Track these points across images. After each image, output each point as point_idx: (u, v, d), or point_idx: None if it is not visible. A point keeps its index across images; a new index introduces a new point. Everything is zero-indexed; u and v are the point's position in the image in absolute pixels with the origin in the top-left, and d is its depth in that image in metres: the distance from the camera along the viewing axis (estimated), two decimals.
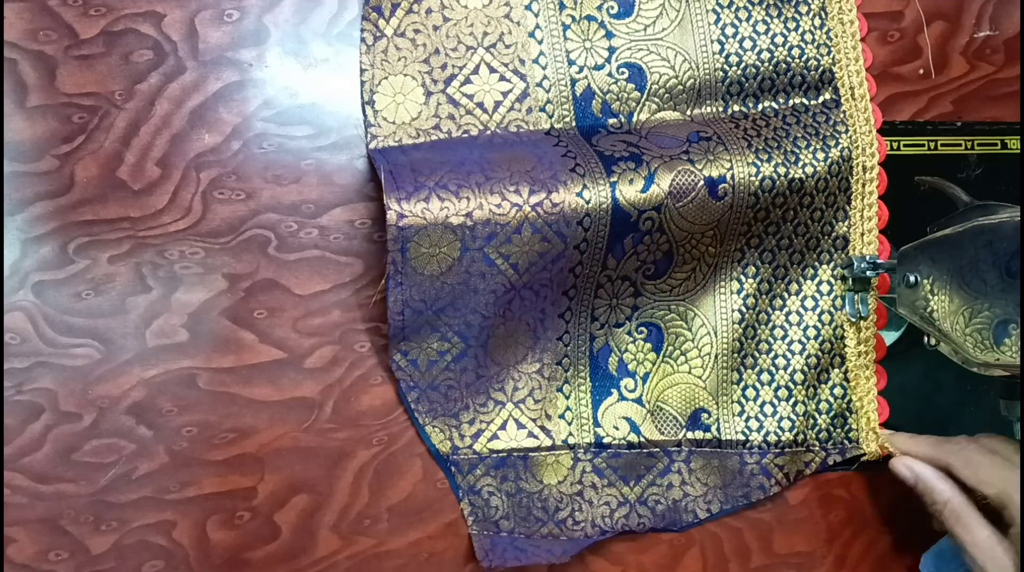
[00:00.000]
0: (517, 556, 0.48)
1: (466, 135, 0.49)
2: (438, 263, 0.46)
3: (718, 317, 0.52)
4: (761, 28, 0.52)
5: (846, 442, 0.54)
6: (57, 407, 0.46)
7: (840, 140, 0.51)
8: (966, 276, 0.46)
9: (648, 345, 0.52)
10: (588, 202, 0.47)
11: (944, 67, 0.56)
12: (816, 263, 0.53)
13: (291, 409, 0.49)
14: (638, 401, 0.52)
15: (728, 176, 0.48)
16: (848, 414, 0.54)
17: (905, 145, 0.56)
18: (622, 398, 0.52)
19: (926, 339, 0.52)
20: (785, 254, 0.52)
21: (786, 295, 0.53)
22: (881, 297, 0.54)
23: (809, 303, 0.53)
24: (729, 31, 0.52)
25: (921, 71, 0.56)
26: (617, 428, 0.52)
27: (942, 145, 0.56)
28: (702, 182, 0.48)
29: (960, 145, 0.57)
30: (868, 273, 0.53)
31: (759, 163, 0.49)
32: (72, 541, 0.47)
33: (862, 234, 0.53)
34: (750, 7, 0.52)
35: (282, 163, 0.49)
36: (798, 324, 0.53)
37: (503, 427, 0.50)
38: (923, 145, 0.56)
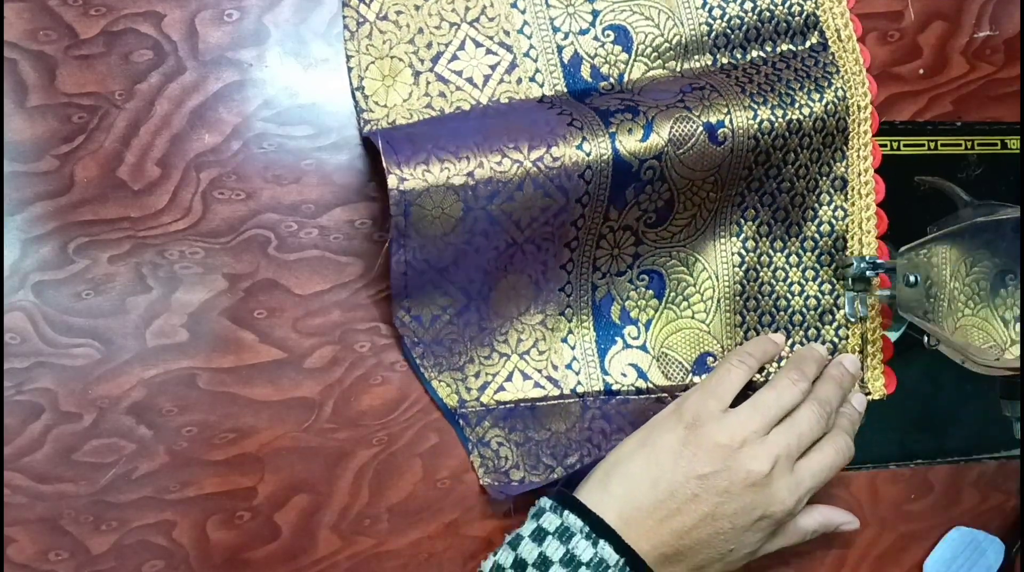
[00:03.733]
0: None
1: (459, 111, 0.49)
2: (441, 224, 0.46)
3: (719, 261, 0.52)
4: None
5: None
6: (57, 407, 0.46)
7: (832, 81, 0.51)
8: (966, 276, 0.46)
9: (650, 292, 0.52)
10: (588, 154, 0.47)
11: (944, 67, 0.56)
12: (816, 205, 0.53)
13: (291, 409, 0.49)
14: (642, 348, 0.52)
15: (726, 121, 0.48)
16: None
17: (905, 145, 0.56)
18: (627, 346, 0.52)
19: (926, 339, 0.52)
20: (786, 196, 0.52)
21: (786, 237, 0.53)
22: (880, 296, 0.54)
23: (809, 245, 0.54)
24: None
25: (921, 71, 0.56)
26: (625, 375, 0.52)
27: (942, 145, 0.56)
28: (701, 128, 0.48)
29: (960, 145, 0.57)
30: (868, 273, 0.53)
31: (756, 106, 0.49)
32: (72, 541, 0.46)
33: (859, 174, 0.53)
34: None
35: (282, 163, 0.49)
36: (798, 266, 0.53)
37: (509, 378, 0.50)
38: (923, 145, 0.56)
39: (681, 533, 0.44)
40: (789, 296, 0.53)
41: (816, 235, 0.53)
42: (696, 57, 0.52)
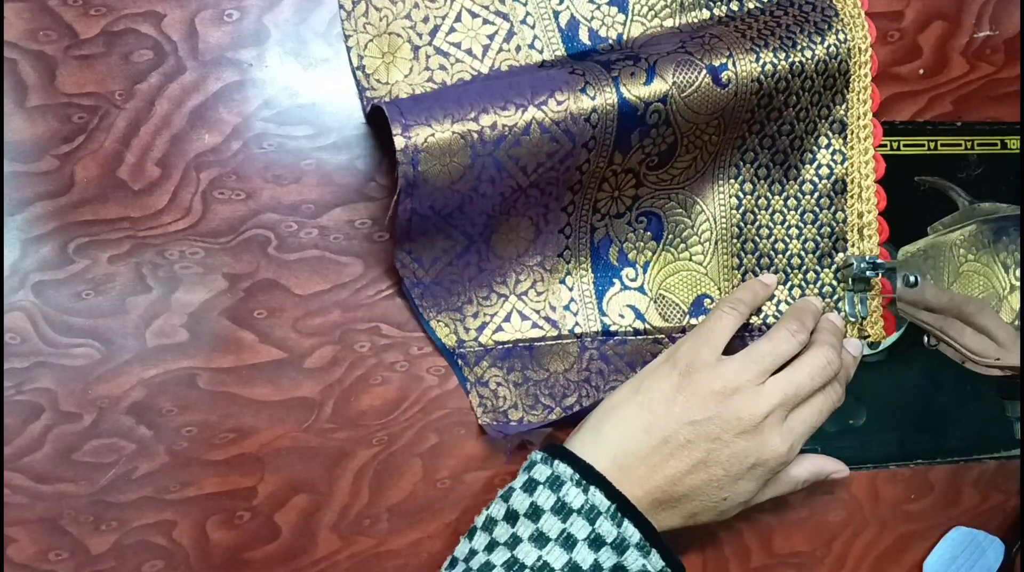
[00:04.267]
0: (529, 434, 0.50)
1: (461, 80, 0.49)
2: (449, 173, 0.45)
3: (717, 204, 0.53)
4: None
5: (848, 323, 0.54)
6: (57, 407, 0.46)
7: (832, 24, 0.51)
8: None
9: (648, 234, 0.52)
10: (593, 98, 0.47)
11: (944, 67, 0.56)
12: (814, 147, 0.53)
13: (291, 409, 0.49)
14: (640, 290, 0.52)
15: (729, 64, 0.48)
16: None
17: (905, 145, 0.56)
18: (624, 288, 0.52)
19: (926, 339, 0.52)
20: (786, 139, 0.52)
21: (785, 180, 0.53)
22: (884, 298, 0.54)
23: (807, 188, 0.54)
24: None
25: (921, 71, 0.56)
26: (623, 316, 0.52)
27: (942, 145, 0.56)
28: (705, 71, 0.48)
29: (960, 145, 0.57)
30: (868, 273, 0.53)
31: (758, 49, 0.49)
32: (72, 541, 0.46)
33: (858, 117, 0.53)
34: None
35: (282, 163, 0.49)
36: (796, 209, 0.54)
37: (507, 319, 0.51)
38: (923, 145, 0.56)
39: (674, 479, 0.44)
40: (787, 239, 0.54)
41: (815, 178, 0.53)
42: (693, 13, 0.52)
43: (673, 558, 0.43)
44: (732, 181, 0.52)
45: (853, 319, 0.54)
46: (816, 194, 0.53)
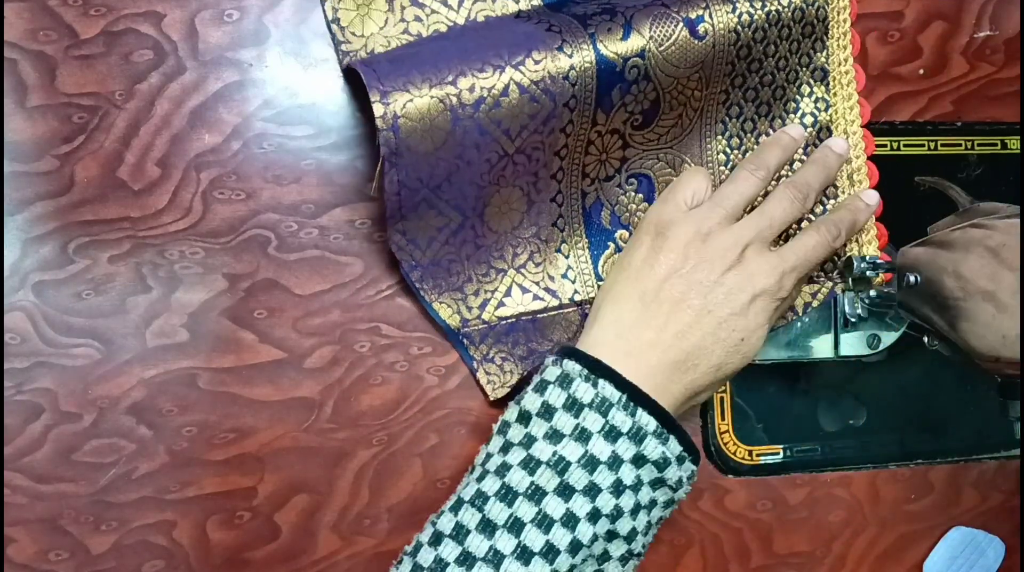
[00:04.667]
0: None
1: (436, 34, 0.49)
2: (432, 139, 0.45)
3: (704, 161, 0.52)
4: None
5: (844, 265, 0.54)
6: (57, 407, 0.46)
7: None
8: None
9: (639, 196, 0.52)
10: (571, 56, 0.46)
11: (944, 67, 0.56)
12: (797, 97, 0.53)
13: (291, 409, 0.49)
14: None
15: (706, 15, 0.48)
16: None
17: (905, 145, 0.56)
18: (619, 249, 0.52)
19: (926, 339, 0.52)
20: (768, 90, 0.52)
21: (770, 132, 0.53)
22: (879, 296, 0.54)
23: None
24: None
25: (921, 71, 0.56)
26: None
27: (942, 145, 0.56)
28: (681, 24, 0.48)
29: (960, 145, 0.57)
30: (868, 273, 0.53)
31: (734, 0, 0.49)
32: (72, 541, 0.47)
33: (839, 63, 0.53)
34: None
35: (282, 163, 0.49)
36: None
37: (508, 293, 0.51)
38: (923, 145, 0.56)
39: (683, 333, 0.44)
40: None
41: (800, 127, 0.53)
42: None
43: (690, 442, 0.43)
44: (720, 137, 0.52)
45: (853, 319, 0.54)
46: (803, 143, 0.53)
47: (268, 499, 0.49)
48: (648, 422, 0.42)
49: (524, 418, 0.43)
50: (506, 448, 0.43)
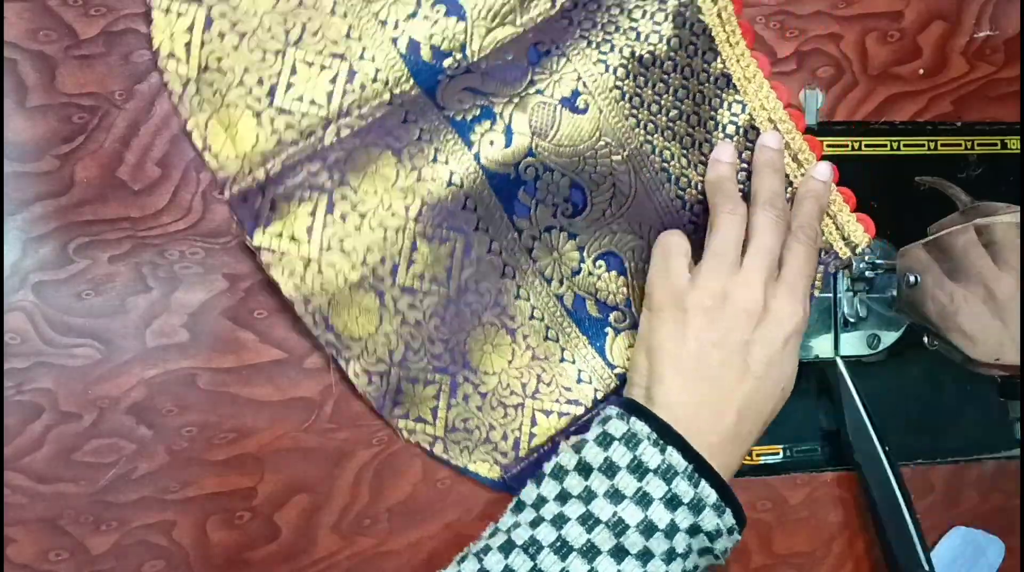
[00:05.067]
0: None
1: (311, 136, 0.46)
2: (367, 321, 0.46)
3: (663, 213, 0.51)
4: None
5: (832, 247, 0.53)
6: (57, 407, 0.46)
7: None
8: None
9: (613, 273, 0.51)
10: (461, 186, 0.46)
11: (944, 67, 0.56)
12: (712, 113, 0.51)
13: (291, 409, 0.49)
14: (633, 327, 0.51)
15: (580, 87, 0.48)
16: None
17: (905, 145, 0.56)
18: (618, 331, 0.51)
19: (926, 339, 0.52)
20: (683, 123, 0.51)
21: (704, 157, 0.51)
22: (879, 296, 0.53)
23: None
24: None
25: (921, 71, 0.56)
26: (630, 358, 0.51)
27: (942, 145, 0.56)
28: (559, 107, 0.47)
29: (960, 145, 0.57)
30: (868, 273, 0.53)
31: (604, 57, 0.48)
32: (72, 541, 0.46)
33: (737, 60, 0.51)
34: None
35: None
36: None
37: (533, 423, 0.50)
38: (923, 145, 0.56)
39: (732, 403, 0.44)
40: None
41: (728, 140, 0.52)
42: (536, 8, 0.48)
43: (742, 514, 0.43)
44: (666, 184, 0.51)
45: (852, 319, 0.54)
46: (737, 156, 0.51)
47: (268, 499, 0.49)
48: (709, 495, 0.42)
49: (584, 469, 0.42)
50: (563, 498, 0.42)
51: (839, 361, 0.52)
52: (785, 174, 0.51)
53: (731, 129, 0.52)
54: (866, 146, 0.55)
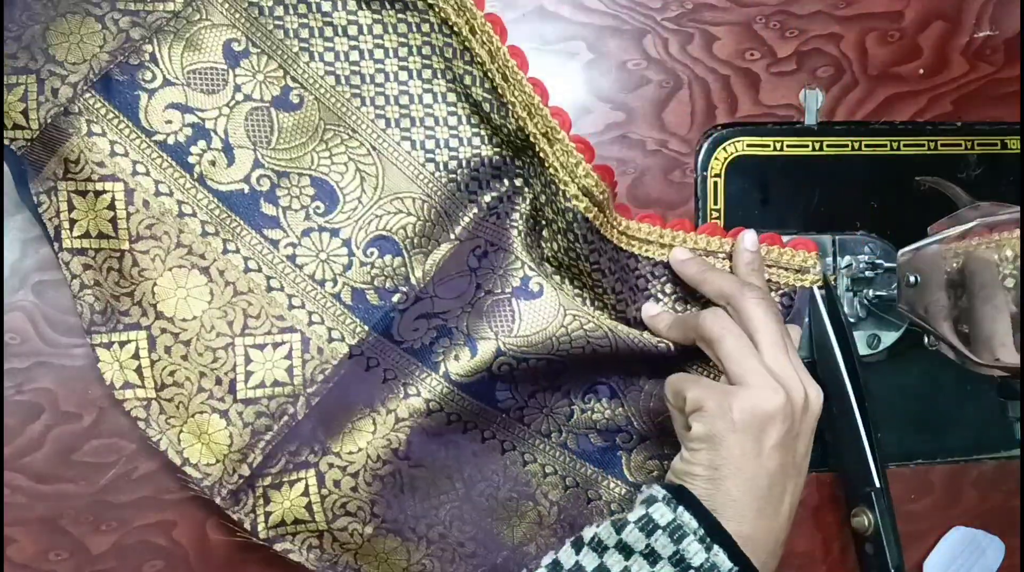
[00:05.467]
0: None
1: (284, 416, 0.46)
2: (398, 558, 0.47)
3: (632, 345, 0.49)
4: (454, 125, 0.49)
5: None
6: (57, 407, 0.46)
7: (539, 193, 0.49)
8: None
9: (603, 401, 0.51)
10: (441, 408, 0.47)
11: (944, 67, 0.56)
12: (551, 209, 0.49)
13: None
14: (640, 438, 0.51)
15: (526, 270, 0.48)
16: None
17: (905, 145, 0.56)
18: (629, 450, 0.51)
19: (926, 339, 0.52)
20: (610, 277, 0.49)
21: (637, 310, 0.50)
22: (879, 296, 0.54)
23: (597, 276, 0.49)
24: (429, 145, 0.48)
25: (921, 71, 0.56)
26: (648, 469, 0.51)
27: (942, 145, 0.56)
28: (512, 298, 0.48)
29: (960, 145, 0.57)
30: (868, 273, 0.53)
31: (530, 238, 0.49)
32: (72, 541, 0.47)
33: (567, 184, 0.47)
34: (433, 118, 0.49)
35: None
36: (605, 256, 0.49)
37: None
38: (923, 145, 0.56)
39: (783, 496, 0.43)
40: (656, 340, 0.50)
41: (656, 294, 0.51)
42: (459, 212, 0.49)
43: None
44: (644, 333, 0.49)
45: (852, 319, 0.54)
46: (614, 268, 0.49)
47: None
48: None
49: (624, 550, 0.40)
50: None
51: (815, 289, 0.51)
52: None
53: (583, 250, 0.48)
54: (866, 146, 0.55)
